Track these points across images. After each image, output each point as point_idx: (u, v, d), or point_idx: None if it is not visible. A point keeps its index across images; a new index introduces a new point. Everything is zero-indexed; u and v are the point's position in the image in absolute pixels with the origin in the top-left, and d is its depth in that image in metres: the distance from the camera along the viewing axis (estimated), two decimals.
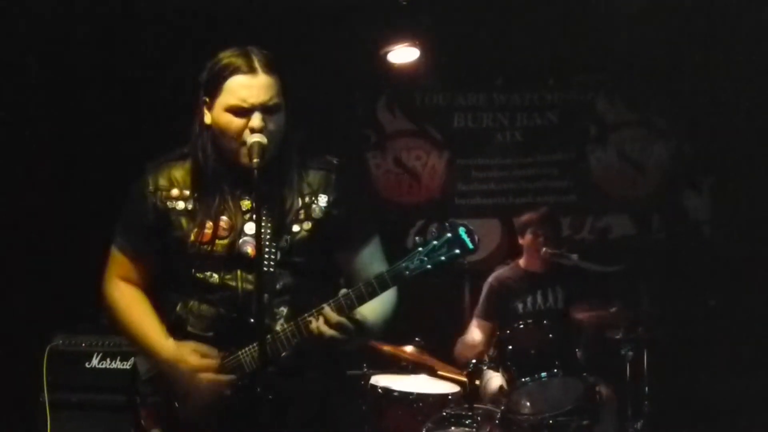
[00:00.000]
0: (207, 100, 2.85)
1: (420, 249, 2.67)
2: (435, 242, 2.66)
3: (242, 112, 2.77)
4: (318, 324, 2.70)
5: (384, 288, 2.70)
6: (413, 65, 6.71)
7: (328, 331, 2.69)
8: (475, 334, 5.81)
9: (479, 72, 7.07)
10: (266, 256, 2.82)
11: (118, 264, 3.02)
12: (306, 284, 2.88)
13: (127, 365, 4.80)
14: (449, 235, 2.66)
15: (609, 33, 6.38)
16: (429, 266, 2.66)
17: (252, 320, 2.76)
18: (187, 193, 2.92)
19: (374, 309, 2.82)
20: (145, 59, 5.96)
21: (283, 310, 2.84)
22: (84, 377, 4.90)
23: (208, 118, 2.85)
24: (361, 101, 7.16)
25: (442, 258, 2.65)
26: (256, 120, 2.75)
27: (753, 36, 5.96)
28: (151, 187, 2.94)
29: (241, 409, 2.77)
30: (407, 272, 2.68)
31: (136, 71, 5.95)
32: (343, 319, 2.69)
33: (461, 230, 2.66)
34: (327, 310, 2.70)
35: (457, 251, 2.65)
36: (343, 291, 2.71)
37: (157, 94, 5.93)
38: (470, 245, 2.66)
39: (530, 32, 6.47)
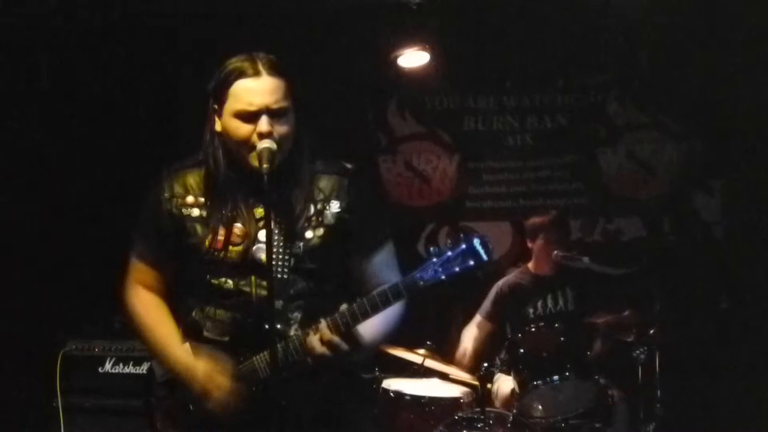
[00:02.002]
0: (216, 107, 2.86)
1: (434, 260, 2.66)
2: (449, 253, 2.65)
3: (249, 116, 2.77)
4: (311, 339, 2.72)
5: (398, 298, 2.70)
6: (423, 69, 6.72)
7: (319, 348, 2.70)
8: (473, 329, 5.82)
9: (489, 75, 7.07)
10: (279, 262, 2.83)
11: (137, 270, 3.05)
12: (320, 289, 2.88)
13: (140, 370, 4.83)
14: (464, 246, 2.65)
15: (619, 35, 6.38)
16: (443, 277, 2.65)
17: (266, 326, 2.75)
18: (201, 200, 2.93)
19: (375, 326, 2.82)
20: (155, 65, 5.98)
21: (297, 315, 2.84)
22: (97, 382, 4.94)
23: (218, 126, 2.87)
24: (371, 105, 7.17)
25: (456, 269, 2.64)
26: (263, 124, 2.75)
27: (763, 37, 5.95)
28: (166, 194, 2.96)
29: (254, 413, 2.77)
30: (421, 282, 2.67)
31: (150, 77, 5.98)
32: (335, 338, 2.69)
33: (476, 241, 2.65)
34: (322, 326, 2.71)
35: (472, 262, 2.64)
36: (344, 306, 2.72)
37: (174, 99, 5.96)
38: (485, 256, 2.65)
39: (539, 35, 6.48)
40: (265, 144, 2.73)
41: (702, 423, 5.92)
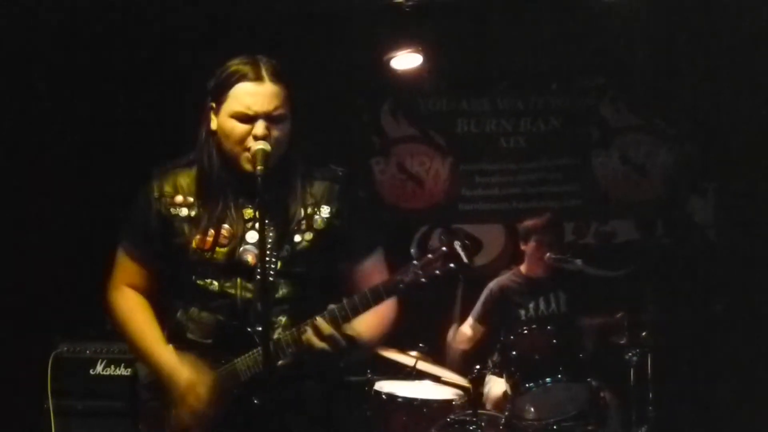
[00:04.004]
0: (214, 105, 2.87)
1: (415, 262, 2.67)
2: (430, 255, 2.66)
3: (247, 119, 2.78)
4: (309, 335, 2.71)
5: (378, 300, 2.71)
6: (416, 71, 6.73)
7: (319, 344, 2.70)
8: (466, 329, 5.83)
9: (482, 77, 7.08)
10: (266, 264, 2.81)
11: (123, 268, 3.04)
12: (306, 294, 2.88)
13: (131, 372, 4.81)
14: (444, 249, 2.66)
15: (612, 37, 6.38)
16: (423, 279, 2.66)
17: (249, 329, 2.77)
18: (190, 200, 2.93)
19: (370, 325, 2.83)
20: (150, 64, 5.97)
21: (282, 318, 2.84)
22: (88, 384, 4.92)
23: (214, 124, 2.88)
24: (364, 107, 7.17)
25: (437, 272, 2.65)
26: (259, 128, 2.76)
27: (757, 39, 5.95)
28: (156, 193, 2.96)
29: (237, 417, 2.78)
30: (401, 285, 2.68)
31: (142, 76, 5.97)
32: (334, 333, 2.69)
33: (456, 244, 2.66)
34: (319, 321, 2.70)
35: (452, 265, 2.64)
36: (338, 304, 2.71)
37: (165, 99, 5.95)
38: (465, 259, 2.65)
39: (533, 37, 6.48)
40: (260, 145, 2.74)
41: (694, 426, 5.93)
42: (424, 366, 5.30)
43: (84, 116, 5.79)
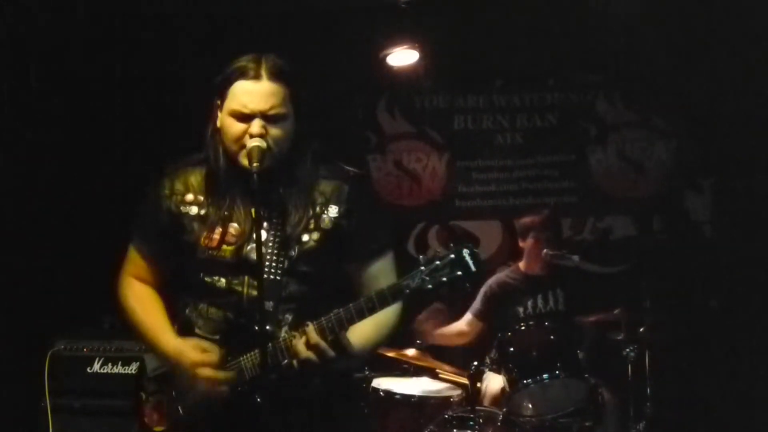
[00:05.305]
0: (219, 103, 2.88)
1: (422, 268, 2.66)
2: (438, 262, 2.65)
3: (243, 117, 2.79)
4: (297, 342, 2.71)
5: (384, 304, 2.70)
6: (413, 67, 6.70)
7: (304, 352, 2.69)
8: (462, 325, 5.84)
9: (479, 74, 7.06)
10: (273, 263, 2.84)
11: (134, 263, 3.07)
12: (313, 293, 2.88)
13: (128, 370, 4.82)
14: (452, 255, 2.65)
15: (609, 33, 6.38)
16: (430, 286, 2.65)
17: (257, 327, 2.76)
18: (200, 198, 2.95)
19: (365, 333, 2.83)
20: (149, 62, 5.96)
21: (289, 317, 2.84)
22: (86, 382, 4.91)
23: (219, 121, 2.88)
24: (360, 104, 7.15)
25: (444, 279, 2.64)
26: (255, 126, 2.77)
27: (753, 36, 5.95)
28: (166, 191, 2.98)
29: (240, 415, 2.78)
30: (407, 290, 2.67)
31: (146, 73, 5.96)
32: (321, 342, 2.68)
33: (465, 251, 2.65)
34: (309, 329, 2.70)
35: (459, 272, 2.64)
36: (344, 307, 2.71)
37: (165, 98, 5.94)
38: (473, 267, 2.65)
39: (530, 33, 6.47)
40: (255, 142, 2.75)
41: (692, 421, 5.93)
42: (421, 363, 5.31)
43: (77, 115, 5.77)
